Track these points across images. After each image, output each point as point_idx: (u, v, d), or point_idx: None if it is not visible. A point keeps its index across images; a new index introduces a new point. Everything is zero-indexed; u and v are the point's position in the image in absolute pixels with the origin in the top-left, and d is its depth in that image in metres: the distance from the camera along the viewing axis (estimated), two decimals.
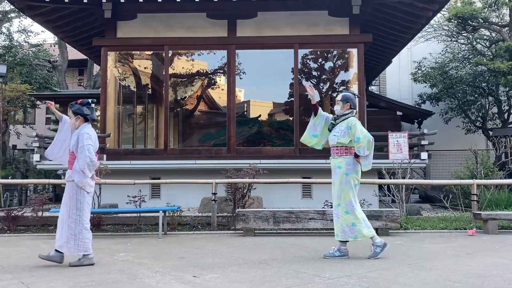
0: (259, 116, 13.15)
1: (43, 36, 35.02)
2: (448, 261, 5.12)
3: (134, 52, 12.60)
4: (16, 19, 20.69)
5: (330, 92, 12.88)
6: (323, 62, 12.90)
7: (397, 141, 10.28)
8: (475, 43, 15.82)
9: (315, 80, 12.92)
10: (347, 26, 11.39)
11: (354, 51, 11.51)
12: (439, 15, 13.98)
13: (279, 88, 12.60)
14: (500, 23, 14.88)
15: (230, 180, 8.47)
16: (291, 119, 11.91)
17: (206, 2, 10.75)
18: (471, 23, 14.06)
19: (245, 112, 13.39)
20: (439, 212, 10.23)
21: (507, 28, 14.48)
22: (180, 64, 13.16)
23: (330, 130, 5.48)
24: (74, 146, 5.04)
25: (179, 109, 14.01)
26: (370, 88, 18.34)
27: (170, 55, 11.96)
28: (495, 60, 13.61)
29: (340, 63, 12.71)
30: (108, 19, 11.31)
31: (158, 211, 7.31)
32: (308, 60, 12.63)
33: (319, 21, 11.43)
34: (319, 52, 12.55)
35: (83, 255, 5.00)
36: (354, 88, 11.61)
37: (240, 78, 11.88)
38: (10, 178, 12.14)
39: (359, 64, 11.26)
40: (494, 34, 15.25)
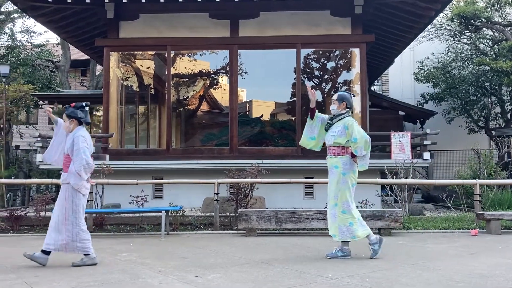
0: (261, 116, 13.14)
1: (46, 36, 35.12)
2: (451, 261, 5.11)
3: (136, 52, 12.63)
4: (19, 20, 20.73)
5: (332, 92, 12.85)
6: (325, 62, 12.89)
7: (399, 141, 10.27)
8: (478, 43, 15.78)
9: (317, 80, 12.91)
10: (349, 26, 11.38)
11: (356, 51, 11.49)
12: (441, 14, 13.94)
13: (281, 88, 12.59)
14: (503, 23, 14.85)
15: (233, 180, 8.48)
16: (293, 119, 11.91)
17: (208, 2, 10.76)
18: (474, 22, 14.03)
19: (247, 112, 13.38)
20: (441, 212, 10.21)
21: (510, 27, 14.45)
22: (183, 64, 13.17)
23: (326, 130, 5.48)
24: (69, 149, 5.06)
25: (182, 109, 14.01)
26: (372, 88, 18.31)
27: (172, 55, 11.98)
28: (498, 60, 13.57)
29: (343, 63, 12.69)
30: (110, 19, 11.34)
31: (160, 211, 7.33)
32: (310, 60, 12.62)
33: (321, 21, 11.42)
34: (321, 52, 12.54)
35: (85, 254, 5.02)
36: (356, 88, 11.59)
37: (242, 78, 11.88)
38: (13, 178, 12.18)
39: (361, 64, 11.25)
40: (497, 34, 15.21)
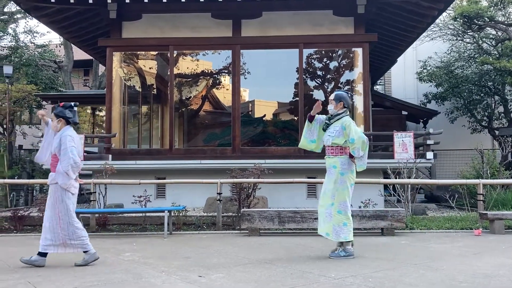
0: (264, 116, 13.14)
1: (48, 36, 35.26)
2: (454, 261, 5.10)
3: (139, 52, 12.63)
4: (22, 20, 20.82)
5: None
6: (328, 61, 12.88)
7: (402, 140, 10.25)
8: (481, 42, 15.72)
9: (320, 80, 12.90)
10: (352, 25, 11.37)
11: (359, 51, 11.48)
12: (444, 14, 13.91)
13: (284, 88, 12.58)
14: (506, 22, 14.79)
15: (235, 180, 8.48)
16: (296, 118, 11.90)
17: (211, 2, 10.76)
18: (477, 22, 13.98)
19: (249, 112, 13.37)
20: (445, 212, 10.18)
21: None
22: (185, 64, 13.18)
23: (324, 129, 5.49)
24: (56, 149, 5.05)
25: (184, 109, 14.03)
26: (375, 87, 18.28)
27: (175, 55, 11.98)
28: (501, 59, 13.53)
29: (345, 63, 12.68)
30: (113, 19, 11.35)
31: (163, 211, 7.33)
32: (312, 60, 12.61)
33: (324, 20, 11.41)
34: (323, 52, 12.53)
35: (84, 252, 5.02)
36: (359, 87, 11.57)
37: (245, 78, 11.88)
38: (16, 178, 12.21)
39: (364, 63, 11.24)
40: (500, 33, 15.16)
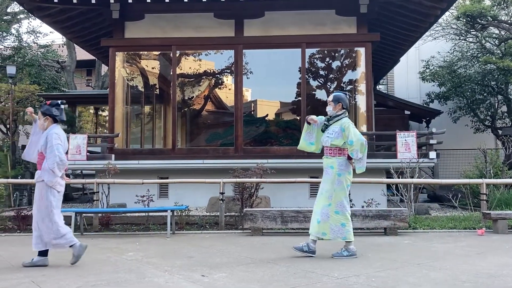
0: (266, 115, 13.14)
1: (51, 37, 35.39)
2: (457, 260, 5.09)
3: (142, 52, 12.66)
4: (25, 20, 20.88)
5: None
6: (331, 61, 12.87)
7: (405, 140, 10.23)
8: (484, 42, 15.69)
9: (322, 80, 12.89)
10: (354, 25, 11.35)
11: (361, 50, 11.46)
12: (447, 13, 13.87)
13: (286, 88, 12.58)
14: (509, 21, 14.76)
15: (238, 179, 8.48)
16: (298, 118, 11.89)
17: (213, 2, 10.77)
18: (480, 21, 13.96)
19: (252, 112, 13.38)
20: (447, 211, 10.17)
21: None
22: (188, 64, 13.19)
23: (323, 130, 5.50)
24: (42, 147, 5.06)
25: (187, 109, 14.04)
26: (378, 87, 18.26)
27: (177, 55, 11.99)
28: (505, 59, 13.50)
29: (348, 62, 12.67)
30: (116, 19, 11.37)
31: (166, 211, 7.34)
32: (315, 60, 12.60)
33: (326, 20, 11.40)
34: (326, 51, 12.52)
35: (71, 246, 4.97)
36: (361, 87, 11.57)
37: (247, 78, 11.88)
38: (19, 177, 12.24)
39: (366, 63, 11.22)
40: (503, 32, 15.12)
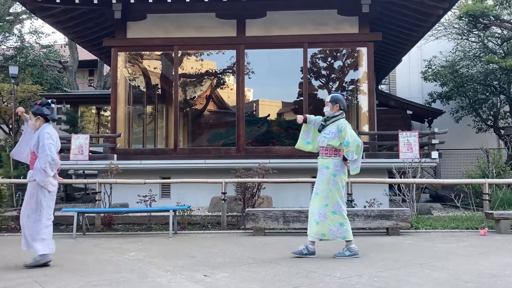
0: (268, 115, 13.14)
1: (54, 37, 35.44)
2: (460, 260, 5.08)
3: (143, 52, 12.67)
4: (28, 21, 20.94)
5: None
6: (332, 61, 12.86)
7: (407, 140, 10.22)
8: (486, 41, 15.65)
9: (324, 79, 12.88)
10: (356, 25, 11.34)
11: (363, 50, 11.45)
12: (449, 13, 13.83)
13: (288, 88, 12.58)
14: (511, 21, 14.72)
15: (240, 179, 8.48)
16: None
17: (215, 2, 10.77)
18: (482, 20, 13.92)
19: (254, 112, 13.38)
20: (450, 211, 10.15)
21: None
22: (190, 64, 13.20)
23: (319, 131, 5.51)
24: (34, 146, 5.06)
25: (189, 109, 14.05)
26: (380, 87, 18.24)
27: (179, 55, 12.00)
28: (507, 58, 13.46)
29: (350, 62, 12.66)
30: (118, 19, 11.38)
31: (168, 211, 7.35)
32: (317, 59, 12.60)
33: (328, 20, 11.39)
34: (328, 51, 12.51)
35: (40, 255, 4.92)
36: (363, 87, 11.55)
37: (249, 78, 11.88)
38: (22, 177, 12.26)
39: (368, 63, 11.21)
40: (506, 32, 15.08)
